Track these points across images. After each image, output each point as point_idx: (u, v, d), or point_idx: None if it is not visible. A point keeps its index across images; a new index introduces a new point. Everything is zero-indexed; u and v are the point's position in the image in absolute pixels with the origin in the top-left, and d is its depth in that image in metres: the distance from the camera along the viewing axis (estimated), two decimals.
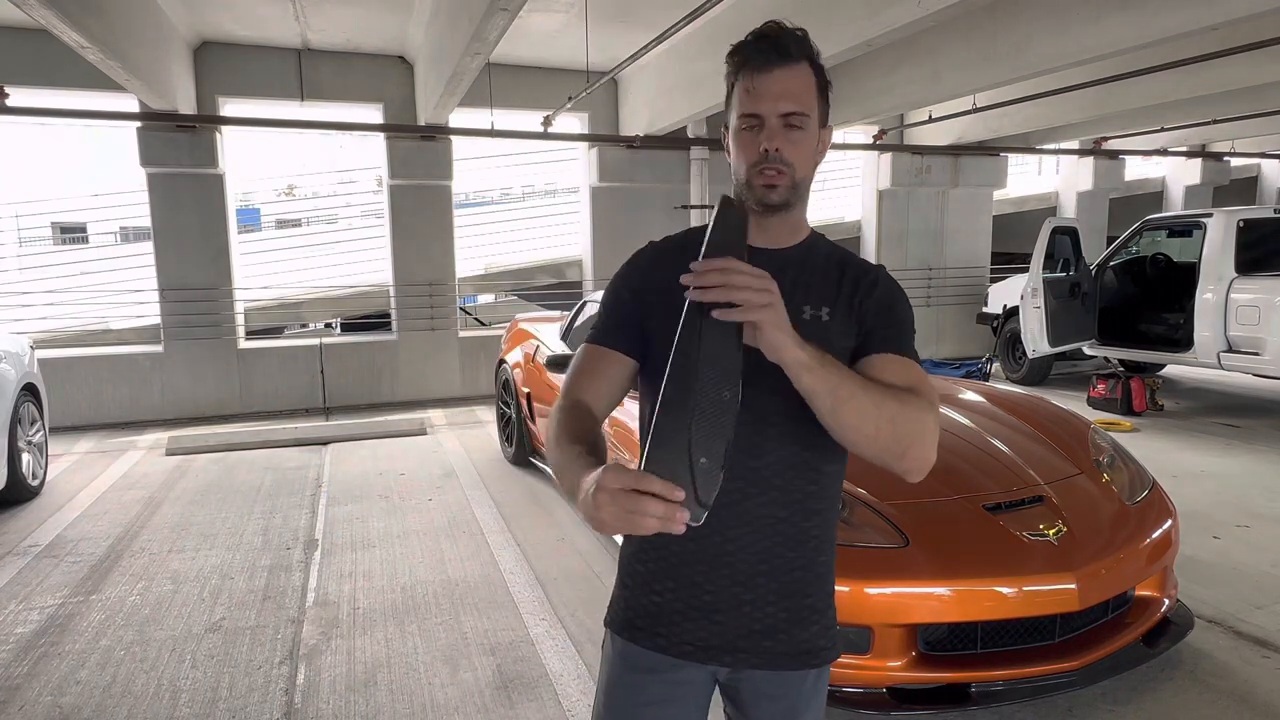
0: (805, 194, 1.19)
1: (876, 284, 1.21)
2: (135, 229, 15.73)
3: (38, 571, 3.80)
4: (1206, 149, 12.57)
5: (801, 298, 1.16)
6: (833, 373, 1.00)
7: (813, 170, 1.18)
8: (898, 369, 1.14)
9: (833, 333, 1.16)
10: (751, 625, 1.16)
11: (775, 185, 1.13)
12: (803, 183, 1.16)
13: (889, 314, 1.19)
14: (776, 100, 1.11)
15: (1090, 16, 5.22)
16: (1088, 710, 2.52)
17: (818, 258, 1.22)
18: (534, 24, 6.68)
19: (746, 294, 0.91)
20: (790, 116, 1.11)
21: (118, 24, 5.14)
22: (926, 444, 1.07)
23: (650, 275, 1.22)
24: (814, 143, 1.16)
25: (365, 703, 2.65)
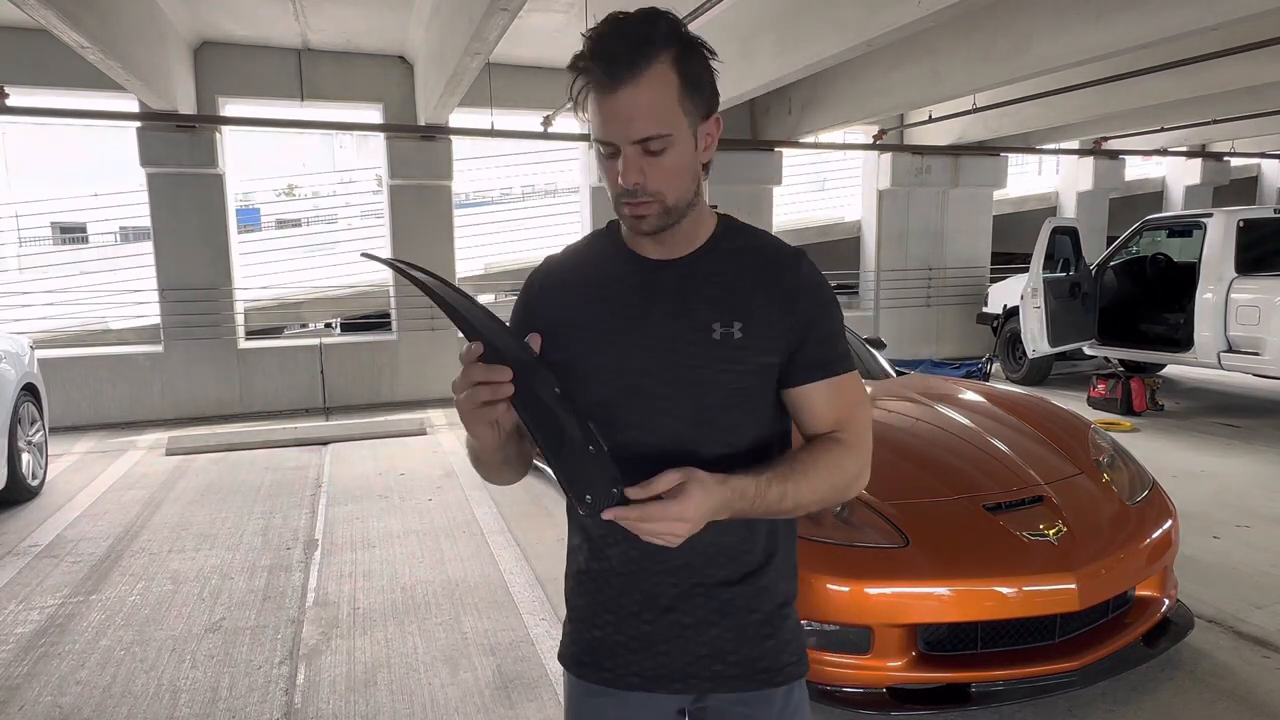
0: (689, 207, 1.05)
1: (800, 291, 1.07)
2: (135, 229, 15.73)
3: (38, 571, 3.80)
4: (1206, 149, 12.58)
5: (707, 312, 1.05)
6: (759, 499, 0.98)
7: (690, 184, 1.03)
8: (827, 399, 1.08)
9: (750, 350, 1.04)
10: (697, 650, 1.10)
11: (644, 216, 1.01)
12: (679, 205, 1.02)
13: (816, 327, 1.07)
14: (626, 125, 0.96)
15: (1090, 16, 5.23)
16: (1088, 710, 2.52)
17: (723, 261, 1.08)
18: (534, 24, 6.68)
19: (664, 538, 0.94)
20: (647, 142, 0.96)
21: (118, 24, 5.14)
22: (861, 481, 1.09)
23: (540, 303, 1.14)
24: (685, 157, 1.00)
25: (365, 703, 2.65)
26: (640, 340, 1.06)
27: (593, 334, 1.08)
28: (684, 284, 1.07)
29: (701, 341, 1.04)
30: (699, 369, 1.04)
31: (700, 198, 1.07)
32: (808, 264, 1.09)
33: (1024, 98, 7.65)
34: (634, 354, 1.06)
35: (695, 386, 1.04)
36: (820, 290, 1.09)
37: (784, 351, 1.06)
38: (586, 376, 1.06)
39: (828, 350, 1.08)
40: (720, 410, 1.05)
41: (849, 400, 1.09)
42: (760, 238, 1.12)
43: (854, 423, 1.09)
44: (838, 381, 1.08)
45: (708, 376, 1.04)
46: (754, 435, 1.09)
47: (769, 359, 1.06)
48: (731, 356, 1.04)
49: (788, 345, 1.06)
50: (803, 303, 1.07)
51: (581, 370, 1.06)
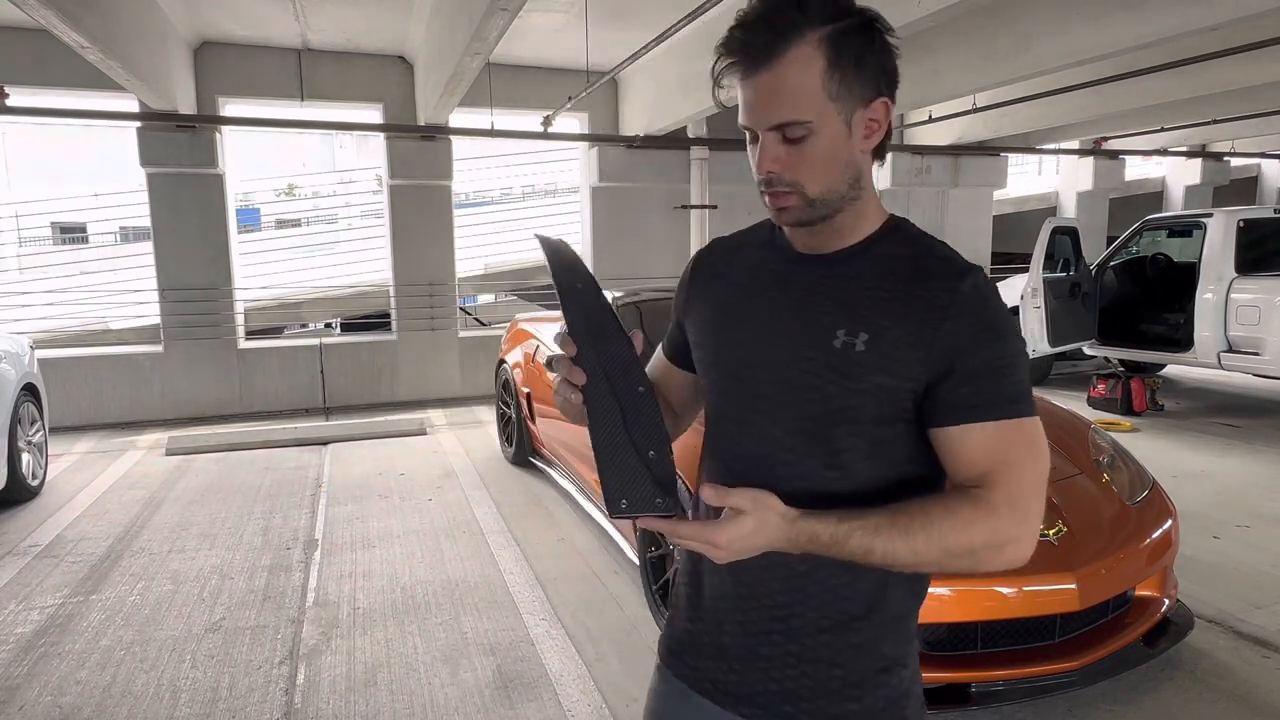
0: (842, 200, 0.94)
1: (951, 311, 0.89)
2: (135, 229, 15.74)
3: (38, 571, 3.80)
4: (1206, 149, 12.58)
5: (834, 317, 0.94)
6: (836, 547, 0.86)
7: (841, 176, 0.92)
8: (974, 447, 0.89)
9: (868, 368, 0.91)
10: (768, 684, 0.99)
11: (783, 208, 0.94)
12: (826, 198, 0.92)
13: (969, 357, 0.89)
14: (763, 110, 0.89)
15: (1090, 16, 5.23)
16: (1088, 710, 2.52)
17: (871, 264, 0.96)
18: (534, 24, 6.68)
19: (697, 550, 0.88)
20: (784, 128, 0.89)
21: (118, 24, 5.14)
22: (1004, 555, 0.87)
23: (692, 286, 1.13)
24: (832, 146, 0.90)
25: (365, 703, 2.65)
26: (758, 332, 0.99)
27: (716, 316, 1.06)
28: (819, 282, 0.97)
29: (820, 347, 0.94)
30: (809, 375, 0.94)
31: (864, 190, 0.95)
32: (975, 282, 0.91)
33: (1024, 98, 7.64)
34: (747, 344, 1.00)
35: (800, 393, 0.94)
36: (983, 313, 0.90)
37: (918, 379, 0.90)
38: (704, 359, 1.07)
39: (983, 388, 0.89)
40: (822, 425, 0.94)
41: (1007, 453, 0.89)
42: (930, 247, 0.96)
43: (1007, 481, 0.88)
44: (994, 429, 0.89)
45: (816, 385, 0.93)
46: (868, 467, 0.94)
47: (892, 382, 0.91)
48: (846, 370, 0.92)
49: (926, 373, 0.90)
50: (953, 325, 0.89)
51: (701, 351, 1.07)
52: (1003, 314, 0.91)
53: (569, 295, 0.94)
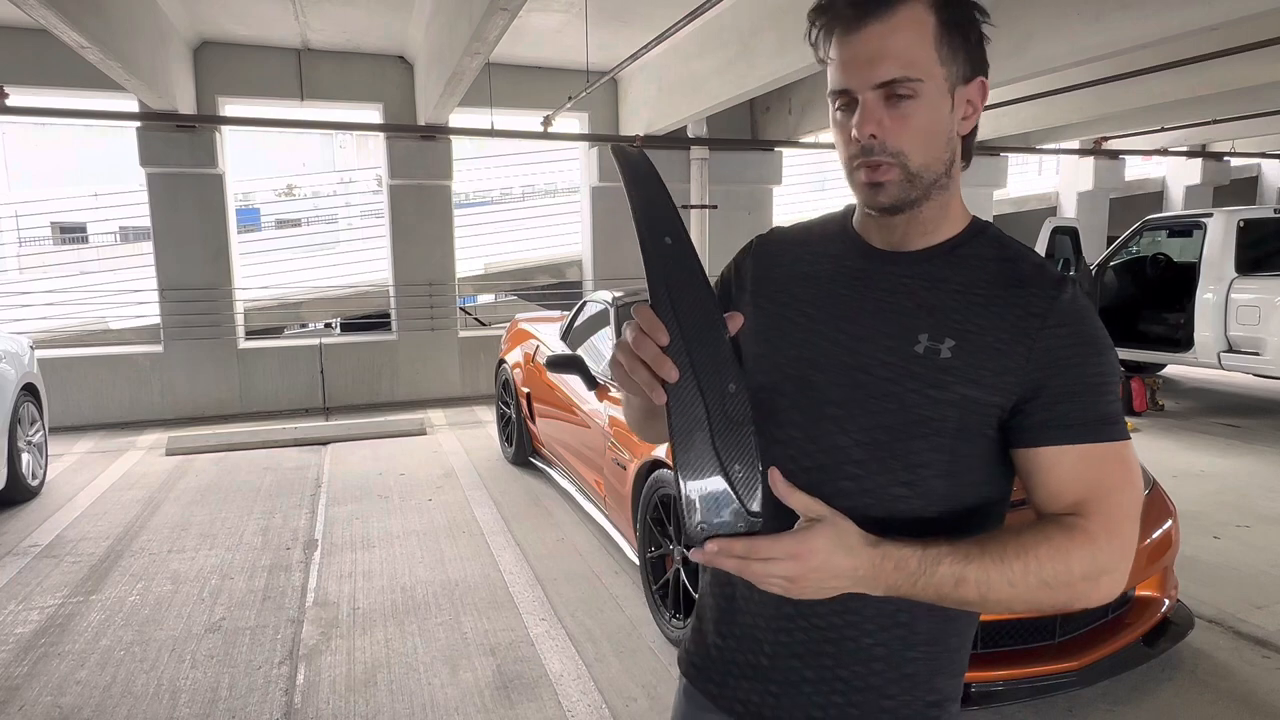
0: (940, 181, 0.87)
1: (1048, 321, 0.83)
2: (135, 229, 15.74)
3: (37, 571, 3.80)
4: (1206, 149, 12.58)
5: (918, 319, 0.87)
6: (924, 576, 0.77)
7: (946, 149, 0.85)
8: (1069, 471, 0.83)
9: (955, 377, 0.84)
10: (809, 710, 0.92)
11: (881, 183, 0.84)
12: (926, 171, 0.84)
13: (1065, 373, 0.83)
14: (869, 67, 0.81)
15: (1090, 16, 5.22)
16: (1088, 710, 2.52)
17: (959, 266, 0.89)
18: (534, 24, 6.68)
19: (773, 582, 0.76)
20: (892, 85, 0.81)
21: (117, 24, 5.14)
22: (1100, 588, 0.81)
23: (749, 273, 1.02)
24: (937, 116, 0.83)
25: (365, 703, 2.65)
26: (832, 331, 0.90)
27: (778, 311, 0.95)
28: (902, 282, 0.89)
29: (900, 351, 0.86)
30: (886, 382, 0.86)
31: (953, 181, 0.88)
32: (1074, 293, 0.85)
33: (1024, 98, 7.64)
34: (819, 344, 0.90)
35: (876, 400, 0.86)
36: (1083, 326, 0.84)
37: (1008, 393, 0.84)
38: (760, 354, 0.93)
39: (1080, 406, 0.83)
40: (898, 438, 0.85)
41: (1103, 479, 0.83)
42: (1022, 252, 0.90)
43: (1105, 508, 0.82)
44: (1091, 451, 0.82)
45: (894, 392, 0.85)
46: (943, 486, 0.86)
47: (980, 395, 0.84)
48: (930, 378, 0.84)
49: (1017, 387, 0.83)
50: (1049, 337, 0.83)
51: (757, 346, 0.94)
52: (1102, 329, 0.86)
53: (653, 255, 0.77)
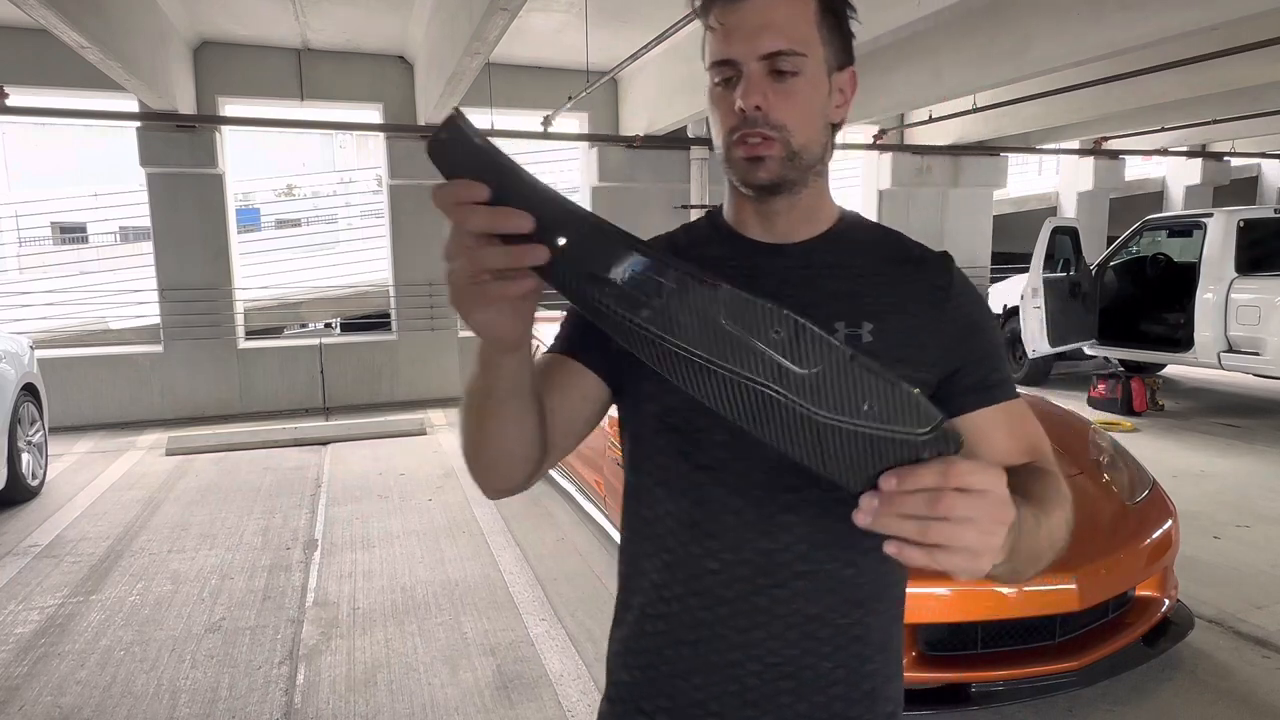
0: (816, 167, 0.84)
1: (953, 292, 0.85)
2: (135, 229, 15.74)
3: (37, 571, 3.80)
4: (1207, 149, 12.58)
5: (828, 308, 0.83)
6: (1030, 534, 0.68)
7: (823, 133, 0.83)
8: (1007, 427, 0.83)
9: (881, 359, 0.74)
10: None
11: (761, 157, 0.80)
12: (806, 151, 0.81)
13: (978, 338, 0.85)
14: (754, 37, 0.78)
15: (1090, 16, 5.22)
16: (1088, 710, 2.52)
17: (851, 251, 0.87)
18: (534, 24, 6.68)
19: (967, 533, 0.56)
20: (777, 58, 0.78)
21: (117, 24, 5.14)
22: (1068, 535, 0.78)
23: None
24: (817, 95, 0.81)
25: (365, 703, 2.65)
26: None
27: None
28: (799, 273, 0.86)
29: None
30: None
31: (826, 169, 0.87)
32: (956, 266, 0.88)
33: (1024, 98, 7.64)
34: None
35: None
36: (976, 295, 0.87)
37: (935, 366, 0.82)
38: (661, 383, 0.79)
39: (993, 368, 0.85)
40: None
41: (1031, 430, 0.86)
42: (894, 232, 0.92)
43: (1048, 457, 0.86)
44: (1013, 406, 0.84)
45: None
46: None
47: (910, 373, 0.79)
48: None
49: (941, 359, 0.83)
50: (956, 307, 0.85)
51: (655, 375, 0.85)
52: (979, 293, 0.90)
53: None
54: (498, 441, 0.76)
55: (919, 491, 0.56)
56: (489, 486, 0.81)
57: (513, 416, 0.74)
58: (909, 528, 0.57)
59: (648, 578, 0.86)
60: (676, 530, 0.84)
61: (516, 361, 0.69)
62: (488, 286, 0.59)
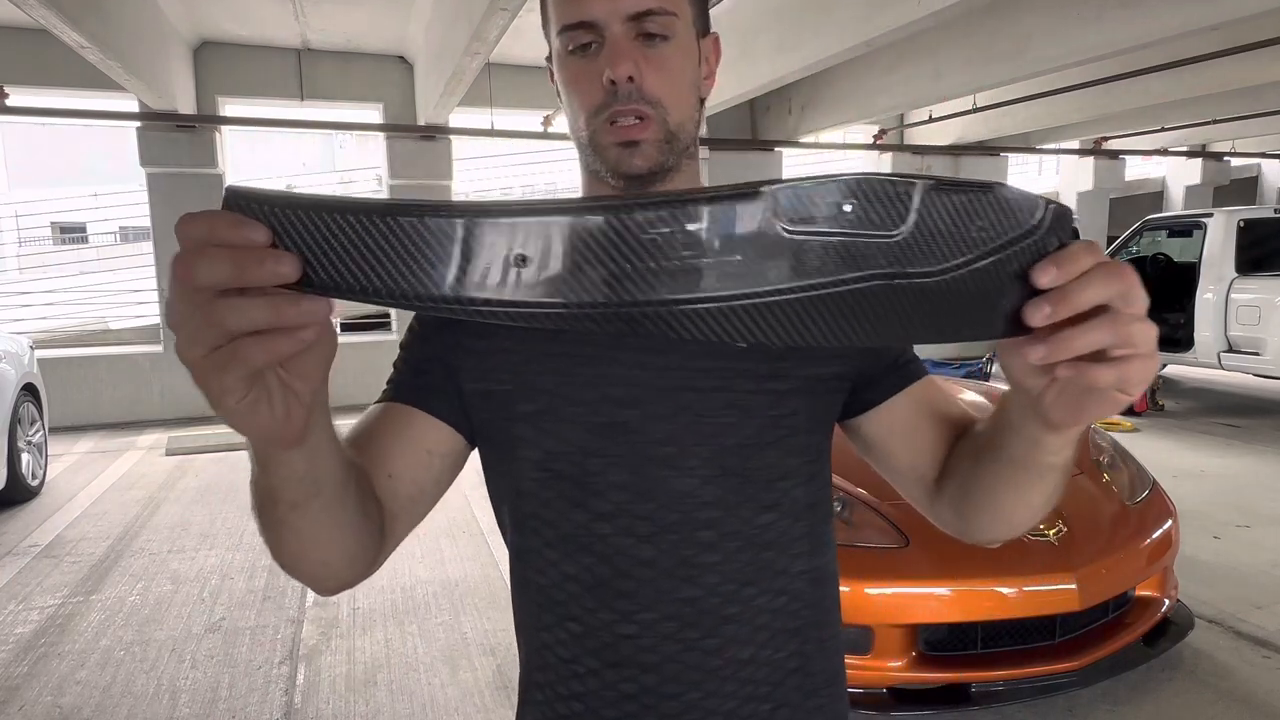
0: (689, 149, 0.73)
1: None
2: (135, 229, 15.74)
3: (37, 571, 3.80)
4: (1207, 149, 12.59)
5: None
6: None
7: (692, 112, 0.72)
8: (945, 396, 0.77)
9: (789, 360, 0.71)
10: None
11: (636, 141, 0.67)
12: (682, 130, 0.70)
13: None
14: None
15: (1090, 16, 5.23)
16: (1088, 710, 2.52)
17: None
18: (534, 23, 6.64)
19: (1149, 331, 0.46)
20: (645, 19, 0.66)
21: (117, 24, 5.14)
22: None
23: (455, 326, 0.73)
24: (688, 64, 0.70)
25: (365, 703, 2.65)
26: (625, 355, 0.70)
27: (543, 354, 0.70)
28: None
29: (719, 351, 0.69)
30: (717, 392, 0.69)
31: (697, 149, 0.76)
32: None
33: (1024, 98, 7.65)
34: (613, 376, 0.69)
35: (711, 419, 0.69)
36: None
37: (849, 357, 0.74)
38: (541, 414, 0.70)
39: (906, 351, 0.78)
40: (751, 454, 0.70)
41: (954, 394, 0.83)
42: None
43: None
44: (935, 380, 0.79)
45: (732, 401, 0.69)
46: (807, 494, 0.74)
47: (826, 369, 0.72)
48: (765, 369, 0.70)
49: (857, 351, 0.74)
50: None
51: (532, 406, 0.70)
52: None
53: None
54: (305, 551, 0.59)
55: (1084, 281, 0.45)
56: (319, 589, 0.64)
57: (319, 521, 0.57)
58: (1101, 334, 0.45)
59: (553, 652, 0.74)
60: (580, 595, 0.71)
61: (307, 456, 0.52)
62: (238, 353, 0.40)
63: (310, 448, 0.52)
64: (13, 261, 13.65)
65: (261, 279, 0.39)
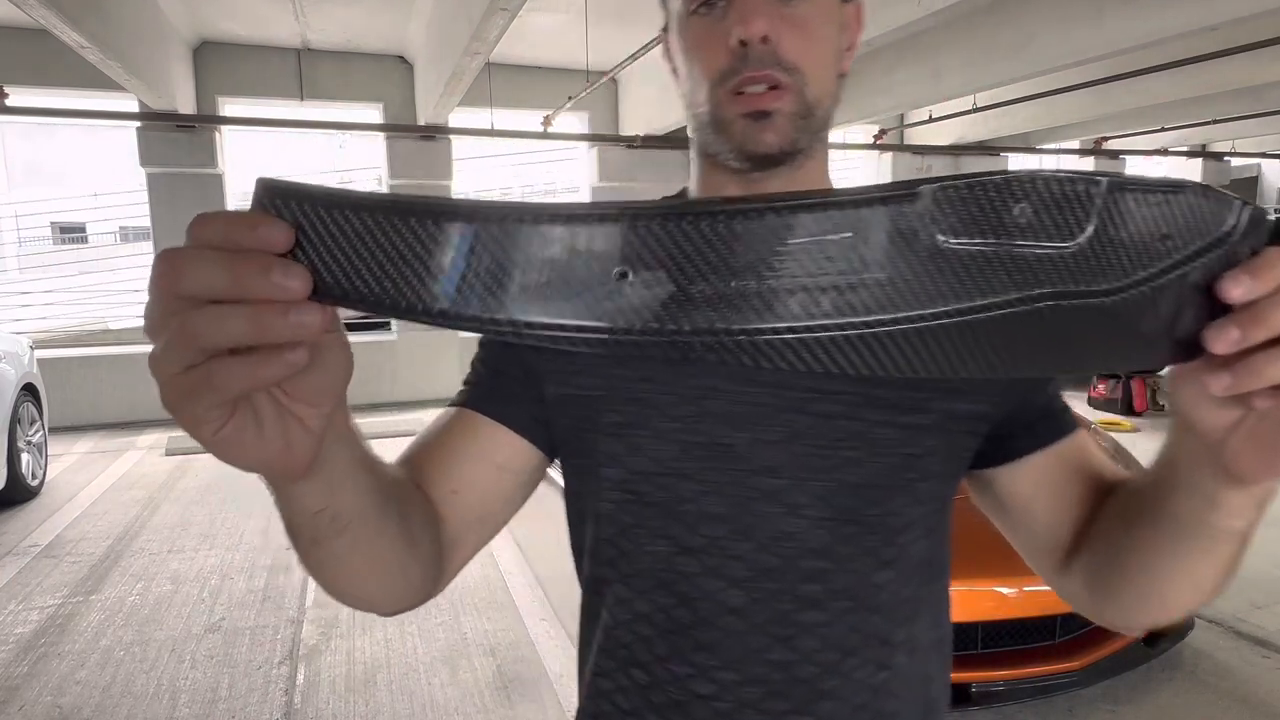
0: (821, 136, 0.62)
1: None
2: (135, 229, 15.74)
3: (37, 571, 3.80)
4: (1207, 149, 12.58)
5: None
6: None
7: (832, 86, 0.61)
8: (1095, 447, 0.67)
9: (927, 389, 0.60)
10: None
11: (769, 112, 0.57)
12: (819, 106, 0.59)
13: None
14: None
15: (1090, 16, 5.22)
16: (1088, 710, 2.52)
17: None
18: (533, 23, 6.68)
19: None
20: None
21: (117, 24, 5.14)
22: None
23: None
24: (831, 31, 0.60)
25: (365, 703, 2.65)
26: (730, 370, 0.59)
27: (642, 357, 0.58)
28: None
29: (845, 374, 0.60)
30: (840, 420, 0.59)
31: (828, 134, 0.65)
32: None
33: (1024, 98, 7.64)
34: (719, 390, 0.60)
35: (830, 450, 0.59)
36: None
37: (995, 395, 0.61)
38: (628, 427, 0.61)
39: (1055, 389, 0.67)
40: (875, 499, 0.59)
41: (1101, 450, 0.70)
42: None
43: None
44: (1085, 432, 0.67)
45: (855, 432, 0.59)
46: (925, 551, 0.63)
47: (967, 405, 0.61)
48: (900, 399, 0.59)
49: (1001, 384, 0.61)
50: None
51: (619, 417, 0.61)
52: None
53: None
54: (338, 585, 0.54)
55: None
56: (376, 611, 0.59)
57: (346, 559, 0.50)
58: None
59: (611, 701, 0.65)
60: (651, 640, 0.62)
61: (323, 490, 0.45)
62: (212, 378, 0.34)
63: (325, 480, 0.44)
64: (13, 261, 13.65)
65: (260, 291, 0.32)
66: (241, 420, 0.36)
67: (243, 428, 0.36)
